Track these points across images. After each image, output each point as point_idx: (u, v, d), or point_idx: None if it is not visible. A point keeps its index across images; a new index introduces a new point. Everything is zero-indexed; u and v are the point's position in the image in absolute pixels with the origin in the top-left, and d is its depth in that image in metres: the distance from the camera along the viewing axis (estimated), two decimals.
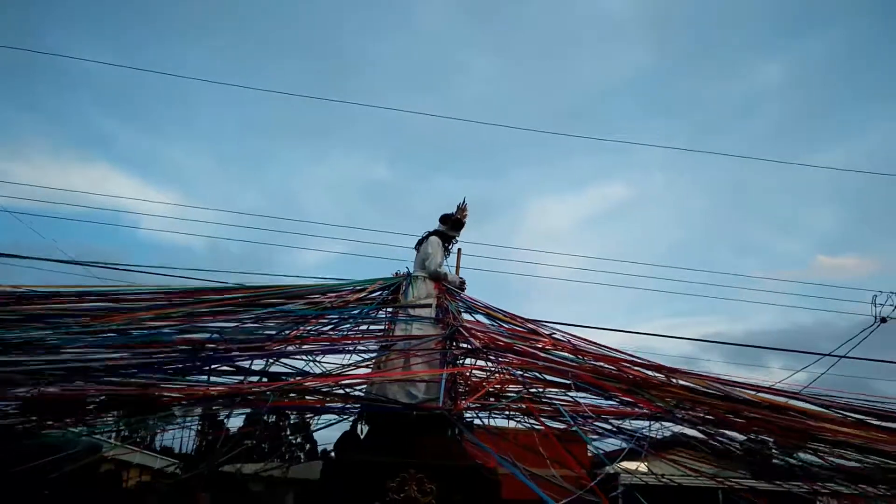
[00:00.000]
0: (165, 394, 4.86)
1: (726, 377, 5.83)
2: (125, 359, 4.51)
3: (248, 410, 6.20)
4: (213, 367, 5.08)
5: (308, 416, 5.54)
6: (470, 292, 6.28)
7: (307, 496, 6.73)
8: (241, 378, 4.67)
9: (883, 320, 11.50)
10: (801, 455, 5.71)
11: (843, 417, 5.22)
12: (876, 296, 11.25)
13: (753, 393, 5.37)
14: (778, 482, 6.33)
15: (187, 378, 4.73)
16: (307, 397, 5.06)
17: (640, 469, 8.16)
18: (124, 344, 4.67)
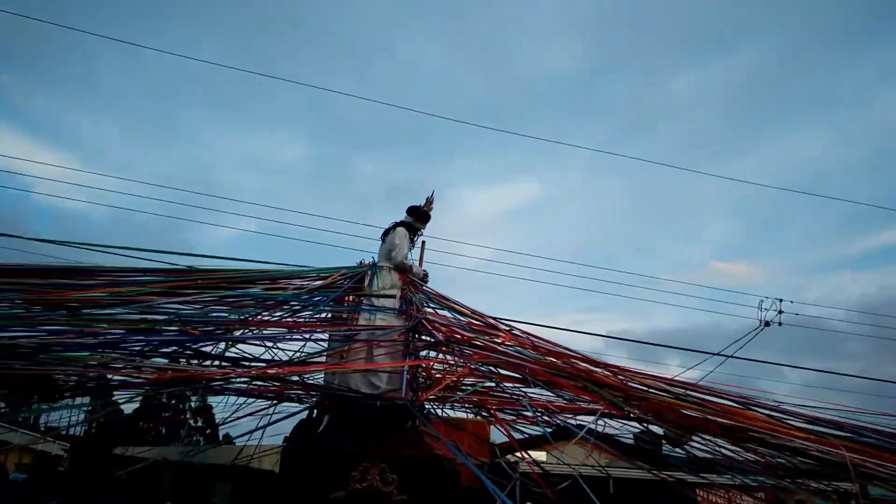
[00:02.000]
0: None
1: (664, 375, 6.23)
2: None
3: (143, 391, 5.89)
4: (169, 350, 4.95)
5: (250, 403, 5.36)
6: None
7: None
8: (210, 363, 4.56)
9: (767, 324, 12.53)
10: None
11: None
12: (762, 301, 12.23)
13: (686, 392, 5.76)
14: (666, 472, 6.83)
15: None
16: (269, 384, 4.99)
17: (539, 458, 8.49)
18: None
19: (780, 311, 12.51)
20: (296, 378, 4.93)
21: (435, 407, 5.74)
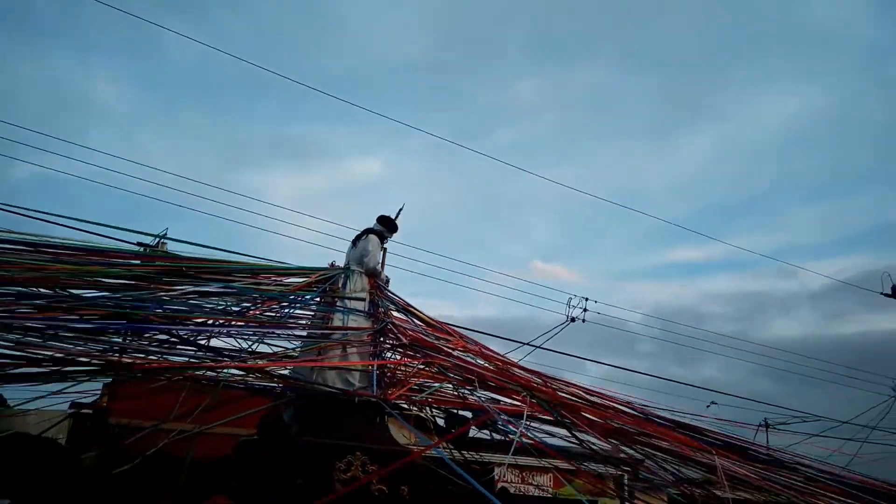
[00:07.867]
0: None
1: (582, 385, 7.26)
2: None
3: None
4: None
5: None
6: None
7: None
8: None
9: (573, 319, 14.36)
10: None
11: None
12: (570, 298, 14.09)
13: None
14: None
15: None
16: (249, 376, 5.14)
17: None
18: None
19: (586, 310, 14.07)
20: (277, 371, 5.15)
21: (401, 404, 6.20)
